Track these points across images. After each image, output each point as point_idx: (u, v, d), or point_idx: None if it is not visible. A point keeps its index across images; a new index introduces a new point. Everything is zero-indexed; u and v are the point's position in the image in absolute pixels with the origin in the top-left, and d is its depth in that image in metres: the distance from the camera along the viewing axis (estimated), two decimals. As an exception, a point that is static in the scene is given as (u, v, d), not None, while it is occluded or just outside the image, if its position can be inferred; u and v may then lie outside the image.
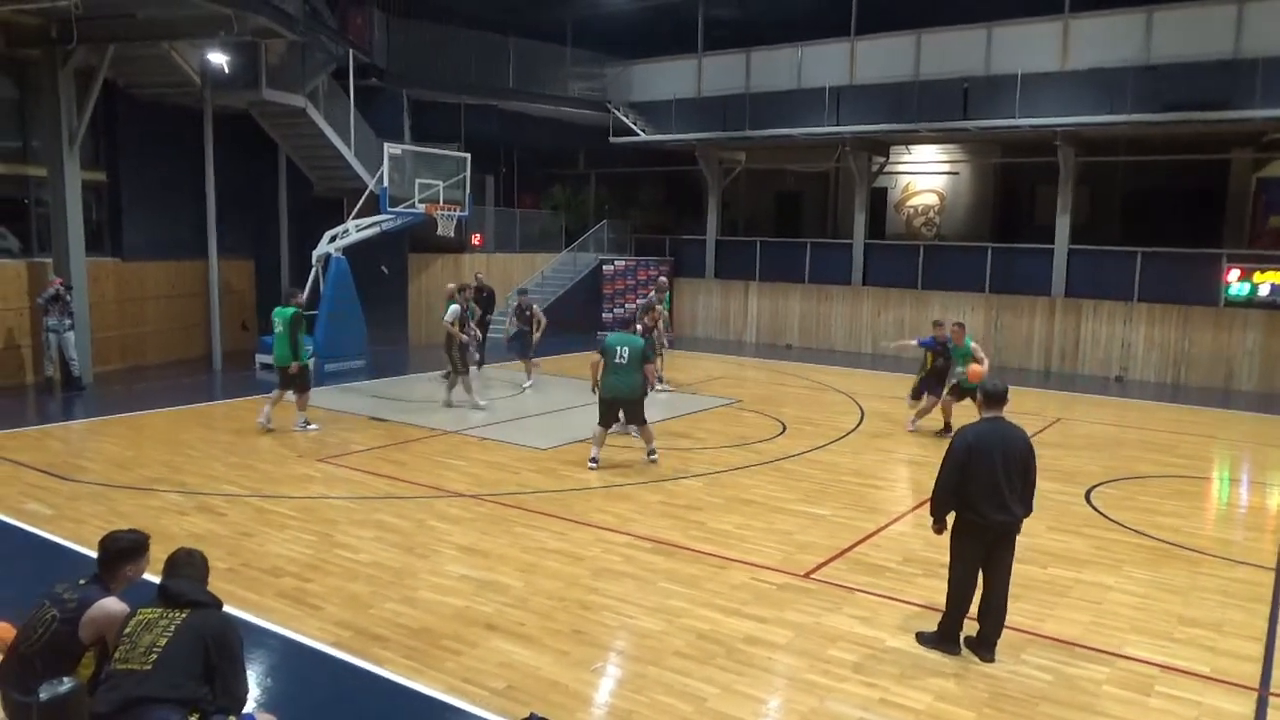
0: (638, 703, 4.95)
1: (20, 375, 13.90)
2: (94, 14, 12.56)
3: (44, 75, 13.57)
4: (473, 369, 13.10)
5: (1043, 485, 9.27)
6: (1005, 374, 17.54)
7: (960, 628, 5.63)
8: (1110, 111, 16.74)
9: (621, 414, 9.89)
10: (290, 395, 11.26)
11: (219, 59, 15.00)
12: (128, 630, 3.60)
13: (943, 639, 5.64)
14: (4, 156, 14.44)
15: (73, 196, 13.84)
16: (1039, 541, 7.66)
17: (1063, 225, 18.51)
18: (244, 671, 3.75)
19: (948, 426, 11.40)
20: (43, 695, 3.37)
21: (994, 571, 5.55)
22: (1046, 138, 18.10)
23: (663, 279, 16.64)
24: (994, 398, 5.64)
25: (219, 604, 3.85)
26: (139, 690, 3.42)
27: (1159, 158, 19.38)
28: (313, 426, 11.21)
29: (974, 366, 9.97)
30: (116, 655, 3.56)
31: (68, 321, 13.51)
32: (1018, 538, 5.63)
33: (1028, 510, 5.60)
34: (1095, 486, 9.62)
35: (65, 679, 3.50)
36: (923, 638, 5.74)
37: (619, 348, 9.68)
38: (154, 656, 3.48)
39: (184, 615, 3.61)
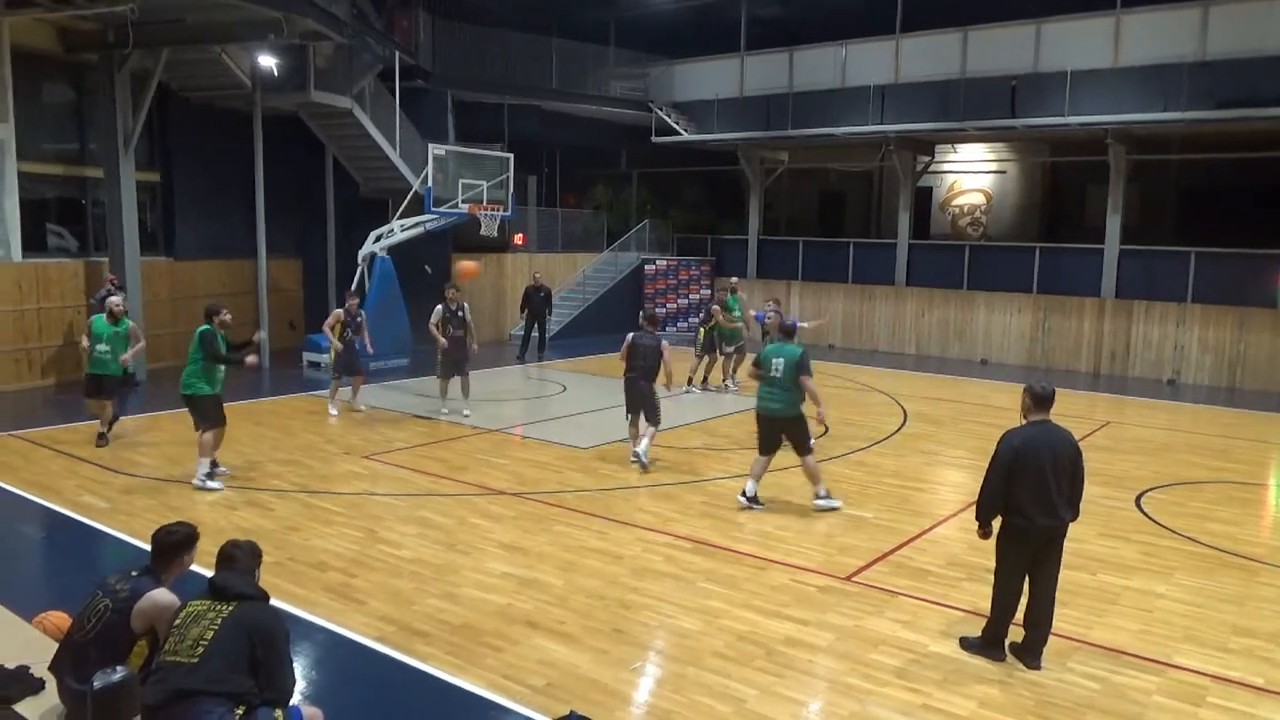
0: (677, 703, 4.95)
1: (78, 371, 14.23)
2: (149, 19, 12.86)
3: (101, 79, 13.94)
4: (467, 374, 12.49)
5: (1091, 490, 9.12)
6: (1053, 376, 17.25)
7: (1006, 634, 5.55)
8: (1164, 109, 16.36)
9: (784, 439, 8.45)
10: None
11: (269, 62, 15.27)
12: (177, 622, 3.65)
13: (987, 645, 5.56)
14: (62, 158, 14.84)
15: (128, 197, 14.18)
16: (1087, 547, 7.53)
17: (1113, 225, 18.14)
18: (289, 664, 3.77)
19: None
20: (96, 684, 3.46)
21: (1040, 576, 5.46)
22: (1097, 136, 17.75)
23: (733, 279, 16.36)
24: (1041, 400, 5.54)
25: (265, 596, 3.88)
26: (186, 683, 3.46)
27: (1214, 156, 18.92)
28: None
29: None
30: (165, 647, 3.62)
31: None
32: (1064, 543, 5.53)
33: (1075, 515, 5.51)
34: (1145, 492, 9.42)
35: (118, 668, 3.59)
36: (967, 643, 5.66)
37: (774, 359, 8.41)
38: (200, 650, 3.52)
39: (230, 608, 3.64)
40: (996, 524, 5.50)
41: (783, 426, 8.39)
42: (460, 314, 11.94)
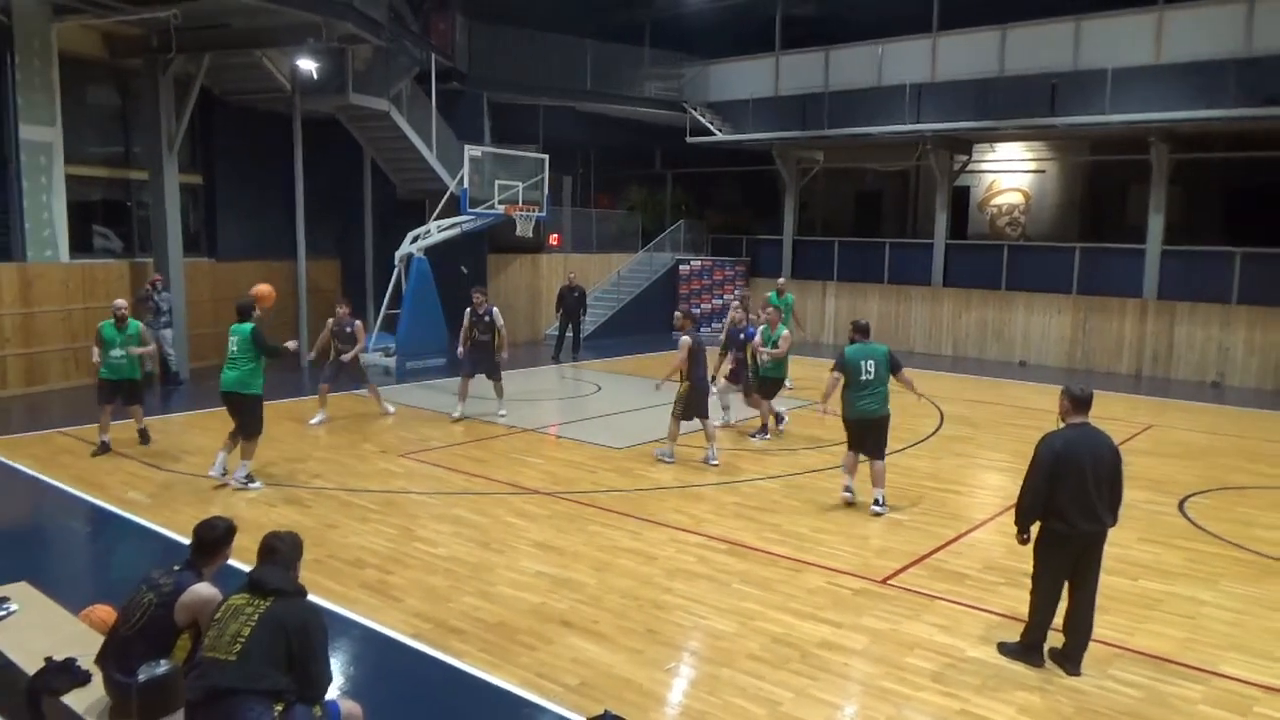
0: (711, 704, 4.95)
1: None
2: (192, 24, 13.11)
3: (145, 83, 14.22)
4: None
5: (1133, 494, 8.98)
6: (1093, 378, 16.98)
7: (1045, 639, 5.47)
8: (1208, 106, 16.03)
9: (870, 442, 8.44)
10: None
11: (308, 65, 15.47)
12: (218, 616, 3.69)
13: (1026, 650, 5.49)
14: (108, 161, 15.15)
15: (171, 199, 14.45)
16: (1128, 552, 7.41)
17: (1155, 224, 17.82)
18: (326, 660, 3.78)
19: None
20: (141, 676, 3.53)
21: (1080, 581, 5.38)
22: (1139, 134, 17.45)
23: (780, 280, 16.05)
24: (1080, 402, 5.45)
25: (302, 592, 3.87)
26: (224, 681, 3.49)
27: (1260, 154, 18.51)
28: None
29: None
30: (206, 641, 3.66)
31: (162, 319, 14.14)
32: (1105, 548, 5.45)
33: (1114, 520, 5.42)
34: (1189, 496, 9.24)
35: (162, 661, 3.66)
36: (1005, 648, 5.60)
37: (862, 361, 8.26)
38: (238, 647, 3.54)
39: (268, 604, 3.65)
40: (1035, 529, 5.44)
41: (882, 427, 8.44)
42: (487, 318, 11.87)
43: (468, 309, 12.03)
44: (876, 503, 8.42)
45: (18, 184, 13.03)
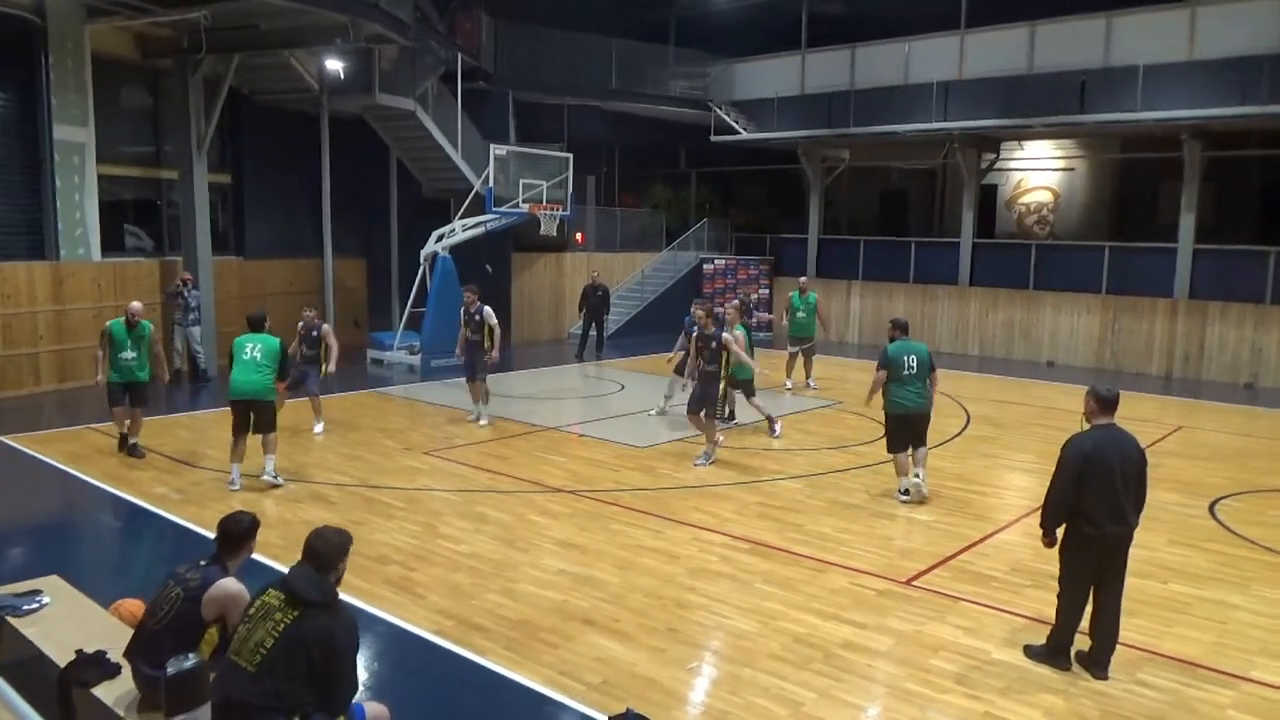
0: (733, 704, 4.94)
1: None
2: (221, 25, 13.25)
3: (175, 84, 14.41)
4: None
5: (1162, 496, 8.88)
6: (1123, 379, 16.77)
7: (1071, 642, 5.41)
8: (1241, 103, 15.78)
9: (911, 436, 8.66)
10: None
11: (335, 66, 15.61)
12: (251, 612, 3.62)
13: (1053, 653, 5.43)
14: (139, 161, 15.35)
15: (201, 198, 14.63)
16: (1157, 555, 7.31)
17: (1187, 223, 17.57)
18: (351, 677, 3.64)
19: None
20: (170, 670, 3.56)
21: (1107, 584, 5.32)
22: (1171, 132, 17.20)
23: (802, 279, 15.85)
24: (1107, 403, 5.38)
25: (333, 604, 3.65)
26: (241, 694, 3.43)
27: (1296, 152, 18.22)
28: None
29: None
30: (234, 638, 3.64)
31: (191, 316, 14.33)
32: (1132, 550, 5.38)
33: (1138, 521, 5.35)
34: (1220, 499, 9.10)
35: (190, 655, 3.69)
36: (1031, 651, 5.54)
37: (905, 357, 8.46)
38: (258, 658, 3.46)
39: (296, 615, 3.51)
40: (1061, 531, 5.38)
41: (924, 422, 8.66)
42: (478, 317, 11.52)
43: (461, 308, 11.78)
44: (917, 475, 8.70)
45: (51, 183, 13.23)
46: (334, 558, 3.78)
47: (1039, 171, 23.06)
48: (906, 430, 8.59)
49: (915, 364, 8.44)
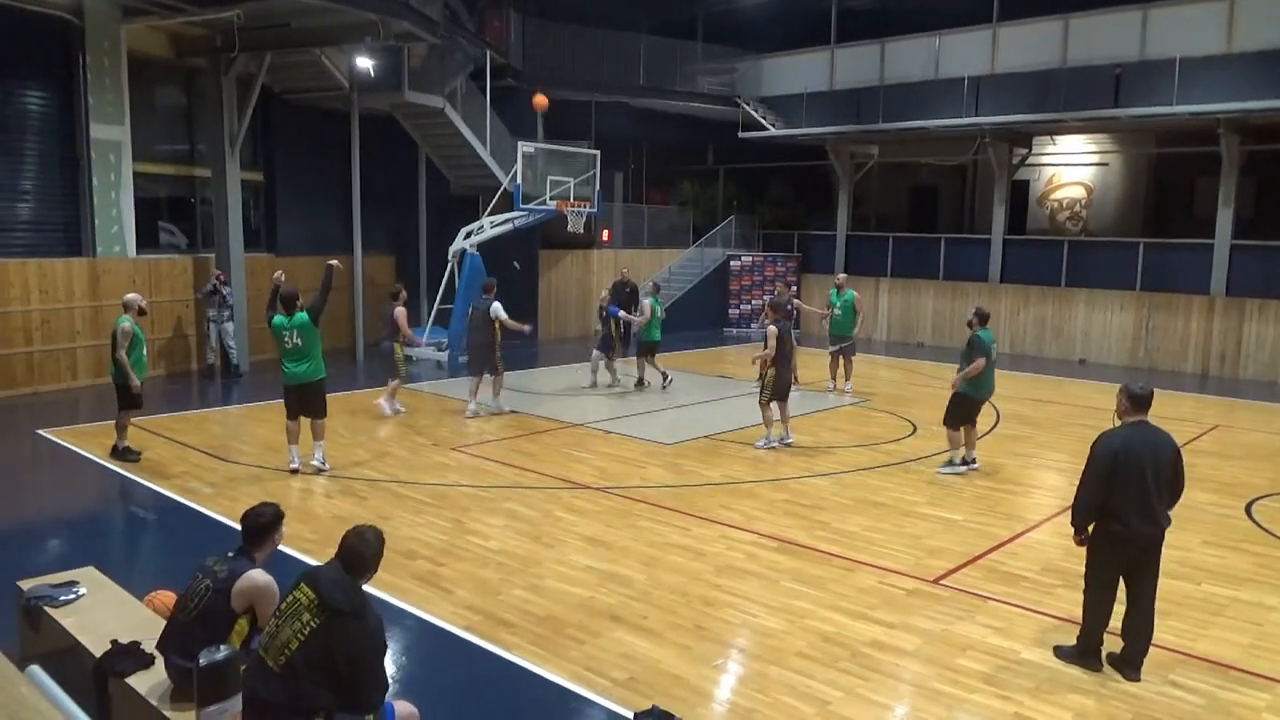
0: (759, 702, 4.92)
1: (186, 362, 14.98)
2: (254, 24, 13.40)
3: (209, 82, 14.58)
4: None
5: (1198, 496, 8.74)
6: (1158, 377, 16.54)
7: (1100, 643, 5.34)
8: (1281, 96, 15.51)
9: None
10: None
11: (365, 64, 15.73)
12: (282, 607, 3.63)
13: (1082, 654, 5.37)
14: (173, 159, 15.56)
15: (233, 196, 14.81)
16: (1193, 556, 7.21)
17: (1224, 219, 17.27)
18: (379, 677, 3.62)
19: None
20: (202, 661, 3.62)
21: (1139, 585, 5.24)
22: (1208, 126, 16.91)
23: (840, 277, 15.74)
24: (1140, 401, 5.28)
25: (361, 611, 3.60)
26: (266, 693, 3.46)
27: (1338, 145, 17.85)
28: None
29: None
30: (264, 633, 3.67)
31: (226, 313, 14.52)
32: (1166, 551, 5.30)
33: (1169, 520, 5.27)
34: (1258, 499, 8.95)
35: (221, 646, 3.75)
36: (1061, 652, 5.48)
37: (992, 345, 9.43)
38: (283, 659, 3.47)
39: (324, 618, 3.49)
40: (1090, 528, 5.31)
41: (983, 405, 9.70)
42: (488, 312, 11.72)
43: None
44: (973, 461, 9.64)
45: (88, 181, 13.45)
46: (371, 562, 3.75)
47: (1072, 167, 22.75)
48: (973, 412, 9.52)
49: (995, 352, 9.34)
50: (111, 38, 13.51)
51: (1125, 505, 5.10)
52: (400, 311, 11.81)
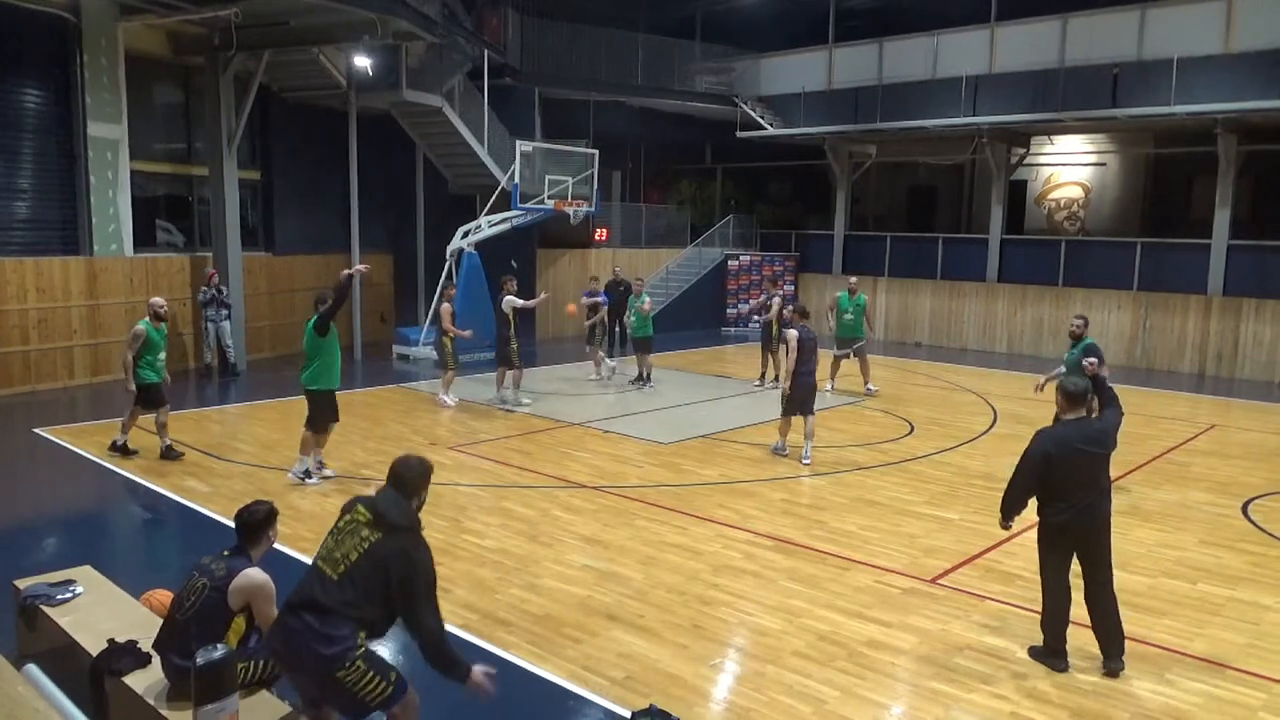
0: (757, 701, 4.93)
1: (184, 361, 14.96)
2: (252, 23, 13.38)
3: (206, 81, 14.57)
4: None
5: (1194, 496, 8.77)
6: (1155, 377, 16.59)
7: (1063, 640, 5.36)
8: (1279, 96, 15.51)
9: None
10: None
11: (363, 62, 15.72)
12: (341, 524, 3.81)
13: (1051, 654, 5.39)
14: (171, 157, 15.54)
15: (231, 194, 14.79)
16: (1189, 556, 7.22)
17: (1222, 219, 17.30)
18: (428, 603, 3.72)
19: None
20: (199, 660, 3.61)
21: (1092, 574, 5.34)
22: (1205, 126, 16.94)
23: (852, 280, 15.61)
24: (1076, 398, 5.37)
25: (414, 527, 3.83)
26: (323, 597, 3.63)
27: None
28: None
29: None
30: (322, 545, 3.82)
31: (224, 312, 14.51)
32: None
33: (1109, 508, 5.40)
34: (1254, 499, 8.96)
35: (218, 646, 3.74)
36: (1034, 651, 5.49)
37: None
38: (342, 569, 3.67)
39: (379, 537, 3.71)
40: (1037, 523, 5.41)
41: None
42: (503, 306, 12.38)
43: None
44: None
45: (85, 180, 13.43)
46: (417, 484, 3.98)
47: (1070, 167, 22.79)
48: None
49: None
50: (109, 36, 13.49)
51: (1063, 495, 5.21)
52: (445, 308, 12.54)
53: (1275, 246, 17.19)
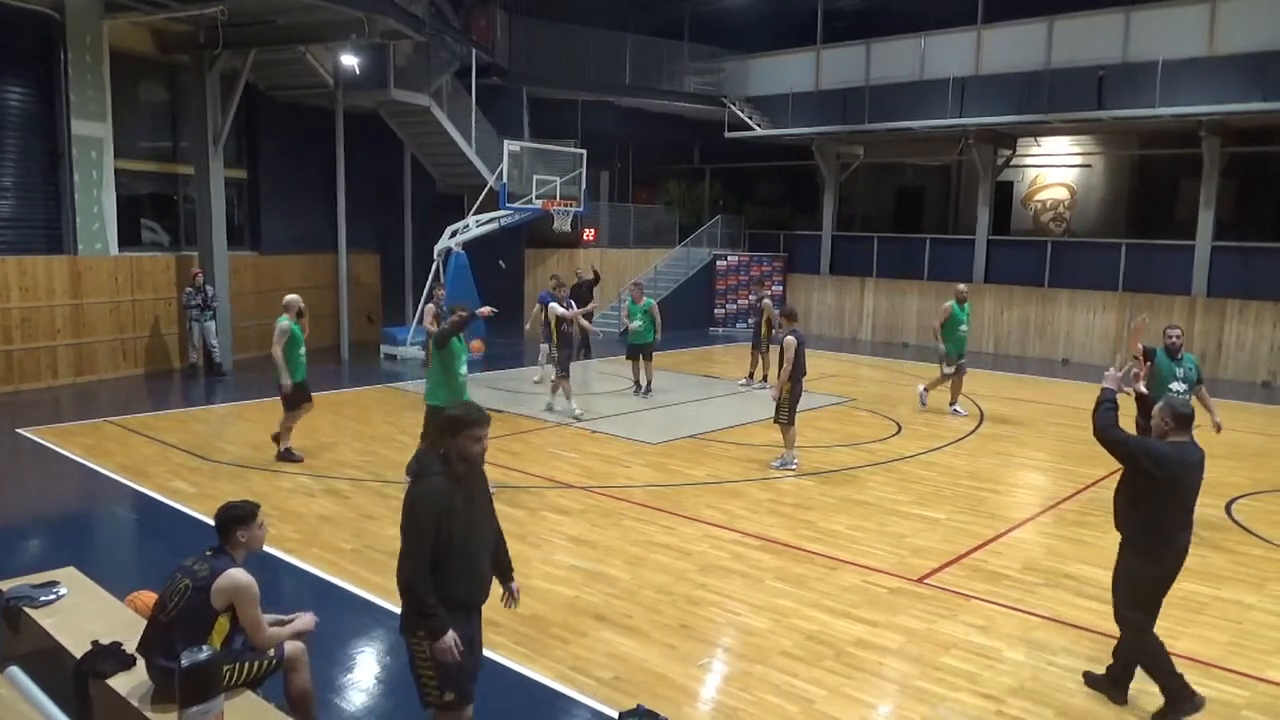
0: (744, 700, 4.93)
1: (168, 361, 14.87)
2: (238, 21, 13.31)
3: (192, 79, 14.49)
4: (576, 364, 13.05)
5: (1178, 495, 8.76)
6: (1139, 377, 16.61)
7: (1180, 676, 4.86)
8: (1263, 99, 15.63)
9: None
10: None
11: (350, 61, 15.66)
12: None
13: (1176, 696, 4.84)
14: (156, 156, 15.44)
15: (217, 193, 14.70)
16: (1173, 555, 7.25)
17: (1206, 220, 17.43)
18: (406, 550, 3.76)
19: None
20: (184, 662, 3.59)
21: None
22: (1190, 128, 17.07)
23: (960, 286, 14.74)
24: (1185, 420, 4.96)
25: (416, 475, 3.93)
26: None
27: (1317, 148, 18.05)
28: None
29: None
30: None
31: (208, 313, 14.43)
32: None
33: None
34: (1238, 498, 9.04)
35: (203, 647, 3.72)
36: (1092, 679, 5.17)
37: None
38: None
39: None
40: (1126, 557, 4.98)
41: None
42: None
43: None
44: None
45: (70, 178, 13.32)
46: (437, 431, 4.04)
47: (1055, 168, 22.92)
48: None
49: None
50: (93, 33, 13.39)
51: (1171, 520, 4.84)
52: (429, 308, 13.06)
53: (1259, 248, 17.34)
